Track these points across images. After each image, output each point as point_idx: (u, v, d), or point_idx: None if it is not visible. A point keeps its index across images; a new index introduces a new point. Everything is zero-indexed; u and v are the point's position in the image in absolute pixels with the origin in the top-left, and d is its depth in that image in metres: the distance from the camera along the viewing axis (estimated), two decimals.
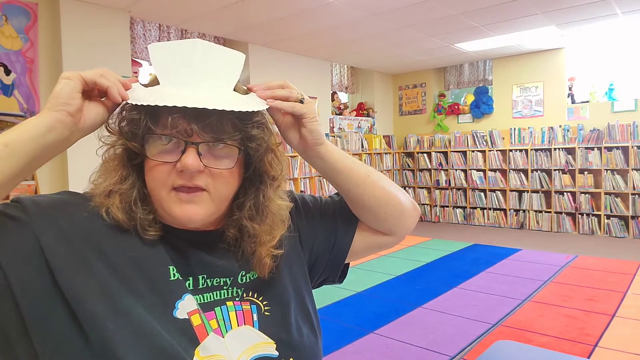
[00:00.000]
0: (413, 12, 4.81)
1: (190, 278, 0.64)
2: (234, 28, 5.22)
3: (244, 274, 0.69)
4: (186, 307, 0.60)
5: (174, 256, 0.64)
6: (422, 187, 8.10)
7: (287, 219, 0.72)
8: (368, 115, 8.09)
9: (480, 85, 7.60)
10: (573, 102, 6.79)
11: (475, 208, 7.43)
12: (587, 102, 6.66)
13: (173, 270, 0.62)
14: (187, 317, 0.60)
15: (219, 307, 0.64)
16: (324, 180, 6.64)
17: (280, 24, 5.12)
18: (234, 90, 0.66)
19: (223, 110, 0.58)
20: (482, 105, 7.45)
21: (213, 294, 0.65)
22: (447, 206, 7.75)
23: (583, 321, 3.18)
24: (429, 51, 6.66)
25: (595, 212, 6.32)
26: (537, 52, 6.84)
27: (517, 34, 5.79)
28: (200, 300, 0.64)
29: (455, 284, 4.15)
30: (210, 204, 0.62)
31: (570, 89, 6.81)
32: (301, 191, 6.25)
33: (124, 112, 0.63)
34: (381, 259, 5.20)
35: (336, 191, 0.83)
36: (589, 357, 2.64)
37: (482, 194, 7.34)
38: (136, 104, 0.60)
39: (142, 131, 0.60)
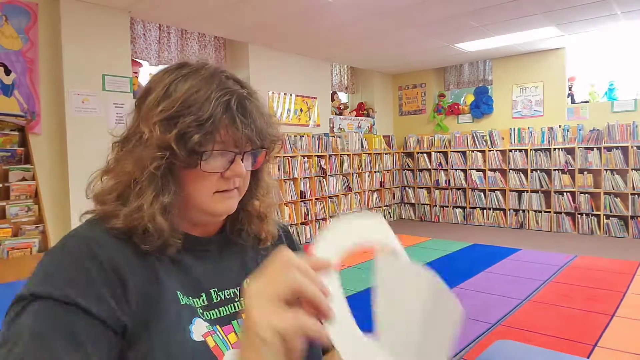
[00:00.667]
0: (413, 12, 4.82)
1: (203, 294, 0.67)
2: (234, 28, 5.23)
3: (248, 282, 0.69)
4: (199, 330, 0.62)
5: (183, 276, 0.66)
6: (422, 187, 8.10)
7: (279, 195, 0.82)
8: (368, 115, 8.09)
9: (480, 85, 7.60)
10: (573, 102, 6.79)
11: (475, 208, 7.43)
12: (587, 102, 6.67)
13: (180, 295, 0.63)
14: (203, 339, 0.61)
15: (235, 321, 0.67)
16: (324, 180, 6.65)
17: (280, 24, 5.12)
18: None
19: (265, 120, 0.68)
20: (482, 105, 7.45)
21: (228, 307, 0.68)
22: (447, 206, 7.75)
23: (583, 321, 3.18)
24: (429, 51, 6.67)
25: (595, 212, 6.32)
26: (537, 52, 6.85)
27: (517, 34, 5.79)
28: (217, 315, 0.66)
29: (455, 284, 4.15)
30: (239, 197, 0.71)
31: (570, 89, 6.81)
32: (301, 191, 6.25)
33: (186, 131, 0.61)
34: None
35: None
36: (588, 357, 2.64)
37: (482, 194, 7.34)
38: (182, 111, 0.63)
39: (203, 149, 0.63)
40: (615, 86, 6.44)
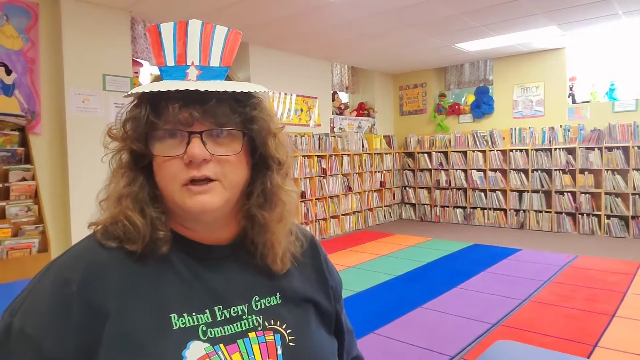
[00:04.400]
0: (413, 12, 4.81)
1: (207, 311, 0.63)
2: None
3: (257, 299, 0.67)
4: (194, 354, 0.59)
5: (186, 290, 0.63)
6: (423, 187, 8.10)
7: (297, 207, 0.72)
8: (368, 115, 8.09)
9: (481, 85, 7.60)
10: (574, 102, 6.78)
11: (476, 208, 7.42)
12: (588, 102, 6.66)
13: (174, 318, 0.60)
14: None
15: (241, 340, 0.63)
16: (325, 180, 6.65)
17: (280, 24, 5.12)
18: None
19: (218, 92, 0.59)
20: (482, 105, 7.45)
21: (233, 326, 0.63)
22: (448, 206, 7.75)
23: (583, 321, 3.18)
24: (430, 51, 6.66)
25: (596, 212, 6.32)
26: (538, 52, 6.84)
27: (517, 34, 5.79)
28: (221, 333, 0.62)
29: (455, 284, 4.15)
30: (224, 192, 0.62)
31: (570, 88, 6.80)
32: (301, 191, 6.25)
33: (126, 113, 0.63)
34: (381, 259, 5.20)
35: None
36: (589, 357, 2.64)
37: (483, 194, 7.34)
38: (138, 100, 0.62)
39: (144, 128, 0.61)
40: (616, 86, 6.44)
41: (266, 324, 0.65)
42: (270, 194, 0.67)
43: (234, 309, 0.64)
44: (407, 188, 8.32)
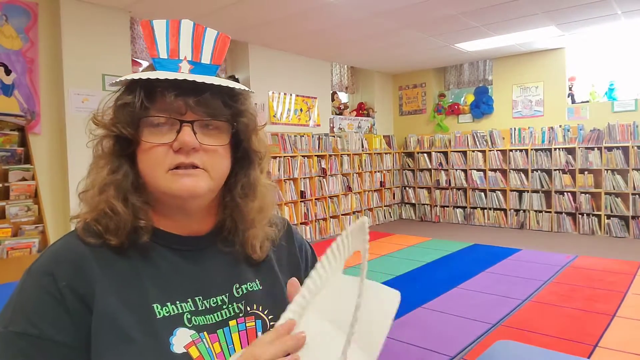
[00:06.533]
0: (413, 12, 4.81)
1: (189, 300, 0.64)
2: (234, 28, 5.22)
3: (238, 286, 0.68)
4: (181, 341, 0.60)
5: (166, 281, 0.64)
6: (422, 187, 8.09)
7: (275, 200, 0.76)
8: (368, 115, 8.09)
9: (481, 85, 7.60)
10: (573, 102, 6.79)
11: (476, 208, 7.42)
12: (587, 102, 6.66)
13: (157, 308, 0.61)
14: (185, 350, 0.60)
15: (221, 330, 0.64)
16: (324, 180, 6.64)
17: (280, 24, 5.12)
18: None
19: (214, 85, 0.61)
20: (482, 105, 7.44)
21: (214, 316, 0.65)
22: (447, 206, 7.75)
23: (583, 321, 3.18)
24: (429, 51, 6.66)
25: (596, 212, 6.32)
26: (538, 52, 6.84)
27: (517, 34, 5.79)
28: (204, 322, 0.63)
29: (455, 284, 4.14)
30: (210, 181, 0.64)
31: (570, 88, 6.80)
32: (301, 191, 6.24)
33: (116, 98, 0.64)
34: (381, 259, 5.20)
35: None
36: (589, 357, 2.64)
37: (482, 194, 7.34)
38: (129, 87, 0.62)
39: (137, 114, 0.61)
40: (616, 86, 6.44)
41: (248, 309, 0.67)
42: (252, 186, 0.70)
43: (213, 300, 0.66)
44: (407, 188, 8.32)
